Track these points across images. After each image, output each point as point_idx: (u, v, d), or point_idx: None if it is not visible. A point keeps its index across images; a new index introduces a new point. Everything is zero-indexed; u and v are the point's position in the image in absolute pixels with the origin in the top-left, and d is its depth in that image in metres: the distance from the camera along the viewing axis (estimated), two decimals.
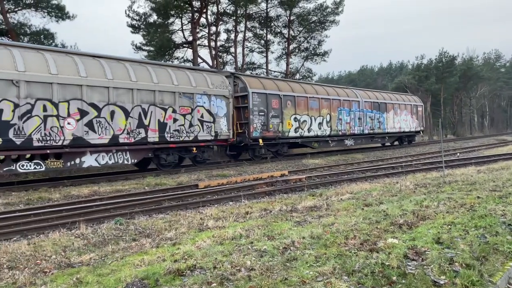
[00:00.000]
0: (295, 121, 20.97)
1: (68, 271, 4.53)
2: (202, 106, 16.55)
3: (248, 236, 5.61)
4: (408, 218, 6.08)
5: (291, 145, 22.20)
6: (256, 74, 27.87)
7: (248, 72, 30.28)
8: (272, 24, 32.87)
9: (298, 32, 34.04)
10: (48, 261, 4.99)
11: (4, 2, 21.01)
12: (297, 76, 34.98)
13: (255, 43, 34.02)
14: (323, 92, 23.36)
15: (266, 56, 33.14)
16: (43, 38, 22.44)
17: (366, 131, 26.27)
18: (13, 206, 9.61)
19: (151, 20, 27.90)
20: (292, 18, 32.56)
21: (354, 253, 4.60)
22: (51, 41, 22.59)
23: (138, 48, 29.08)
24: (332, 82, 61.91)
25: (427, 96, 52.19)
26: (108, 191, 11.58)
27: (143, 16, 27.86)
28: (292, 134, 20.78)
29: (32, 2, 21.80)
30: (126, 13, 27.61)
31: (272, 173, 14.51)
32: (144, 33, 28.12)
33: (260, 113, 19.09)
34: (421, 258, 4.32)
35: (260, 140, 18.95)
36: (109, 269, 4.46)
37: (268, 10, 31.52)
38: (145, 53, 29.13)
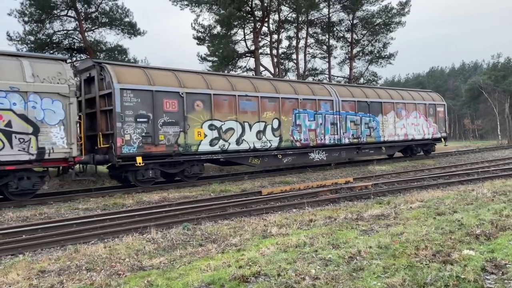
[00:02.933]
0: (212, 130, 14.82)
1: (140, 273, 4.75)
2: (10, 110, 10.90)
3: (312, 244, 5.53)
4: (485, 228, 5.66)
5: (211, 162, 16.37)
6: (143, 65, 16.92)
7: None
8: (335, 29, 32.44)
9: (362, 36, 33.26)
10: (122, 263, 5.28)
11: (83, 22, 22.83)
12: (361, 80, 34.11)
13: (317, 49, 33.77)
14: (268, 89, 16.99)
15: (329, 62, 32.75)
16: (117, 53, 24.01)
17: (345, 140, 19.64)
18: (91, 211, 10.33)
19: (215, 31, 28.77)
20: (355, 21, 31.91)
21: (426, 264, 4.36)
22: (124, 56, 24.11)
23: (203, 59, 30.09)
24: (398, 86, 59.43)
25: (505, 96, 48.40)
26: (177, 197, 12.04)
27: (208, 28, 28.81)
28: (205, 148, 14.62)
29: (107, 21, 23.45)
30: (192, 26, 28.74)
31: (336, 180, 14.24)
32: (209, 44, 29.05)
33: (139, 119, 13.09)
34: (501, 272, 4.00)
35: (139, 159, 12.95)
36: (178, 273, 4.62)
37: (330, 15, 31.18)
38: (210, 64, 30.05)
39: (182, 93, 14.12)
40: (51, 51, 22.91)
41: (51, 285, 4.48)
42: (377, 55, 33.85)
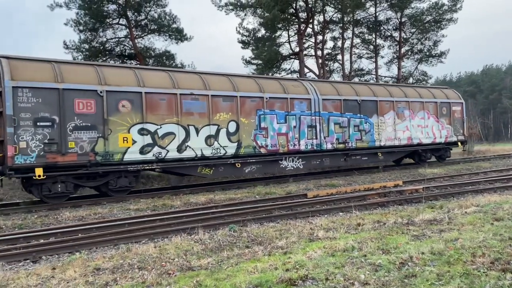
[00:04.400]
0: (143, 135, 12.38)
1: (189, 273, 4.85)
2: None
3: (361, 249, 5.41)
4: None
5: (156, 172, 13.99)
6: (53, 58, 12.31)
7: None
8: (382, 28, 31.63)
9: (411, 34, 32.17)
10: (171, 263, 5.41)
11: (133, 29, 23.76)
12: (410, 80, 32.99)
13: (363, 49, 33.05)
14: (223, 86, 14.28)
15: (376, 62, 31.97)
16: (165, 59, 24.77)
17: (328, 146, 16.58)
18: (141, 212, 10.68)
19: (259, 34, 28.98)
20: (403, 20, 30.94)
21: (484, 272, 4.14)
22: (172, 61, 24.82)
23: (248, 63, 30.34)
24: (450, 85, 56.93)
25: None
26: (222, 199, 12.19)
27: (252, 32, 29.05)
28: (133, 156, 12.20)
29: (156, 27, 24.27)
30: (237, 30, 29.11)
31: (384, 183, 13.84)
32: (253, 47, 29.27)
33: (39, 123, 10.82)
34: None
35: (38, 171, 10.67)
36: (225, 274, 4.67)
37: (377, 14, 30.45)
38: (254, 67, 30.26)
39: (101, 92, 11.65)
40: (104, 58, 24.03)
41: (106, 283, 4.68)
42: (427, 53, 32.61)
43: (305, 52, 29.37)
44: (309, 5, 27.38)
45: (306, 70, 28.75)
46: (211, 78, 14.40)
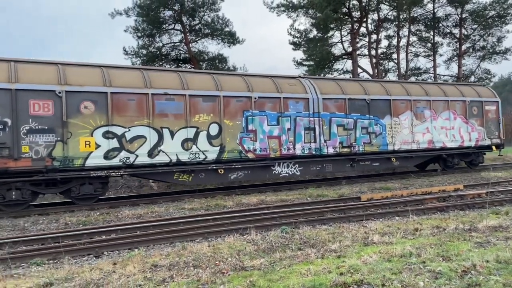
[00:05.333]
0: (108, 138, 11.46)
1: (242, 273, 4.90)
2: None
3: (419, 255, 5.20)
4: None
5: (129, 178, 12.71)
6: (8, 57, 11.44)
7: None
8: (440, 24, 30.26)
9: (472, 30, 30.51)
10: (225, 262, 5.50)
11: (188, 34, 24.48)
12: (472, 78, 31.24)
13: (420, 47, 31.80)
14: (204, 85, 13.14)
15: (434, 60, 30.62)
16: (217, 62, 25.29)
17: (329, 150, 14.98)
18: (196, 211, 10.95)
19: (311, 35, 28.76)
20: (464, 15, 29.41)
21: None
22: (224, 64, 25.28)
23: (299, 64, 30.22)
24: None
25: None
26: (274, 200, 12.21)
27: (304, 33, 28.90)
28: (96, 162, 11.28)
29: (209, 31, 24.86)
30: (288, 31, 29.09)
31: (443, 187, 13.20)
32: (305, 48, 29.11)
33: None
34: None
35: None
36: (278, 275, 4.67)
37: (435, 10, 29.17)
38: (306, 68, 30.07)
39: (59, 92, 10.82)
40: (161, 63, 24.96)
41: (163, 279, 4.84)
42: (490, 50, 30.76)
43: (358, 52, 28.77)
44: (363, 4, 26.78)
45: (359, 70, 28.14)
46: (191, 76, 13.37)
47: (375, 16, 28.60)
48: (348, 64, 29.94)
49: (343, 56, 29.35)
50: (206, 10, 24.41)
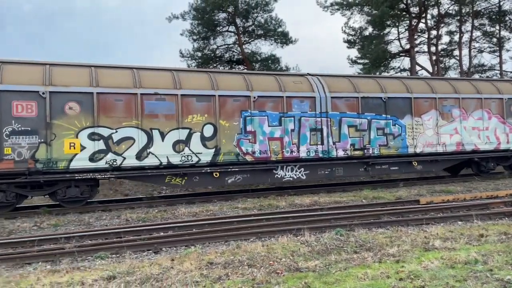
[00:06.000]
0: (94, 140, 11.03)
1: (297, 274, 4.87)
2: None
3: (485, 262, 4.89)
4: None
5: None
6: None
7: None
8: (507, 18, 28.30)
9: None
10: (279, 263, 5.49)
11: (241, 36, 24.79)
12: None
13: (484, 42, 29.89)
14: (198, 84, 12.50)
15: (500, 56, 28.70)
16: (270, 63, 25.37)
17: (339, 153, 13.87)
18: (249, 211, 11.04)
19: (366, 33, 28.05)
20: None
21: None
22: (277, 65, 25.32)
23: (354, 62, 29.58)
24: None
25: None
26: (327, 201, 12.03)
27: (359, 30, 28.27)
28: (81, 164, 10.89)
29: (262, 32, 25.01)
30: (342, 29, 28.59)
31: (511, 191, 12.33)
32: (359, 46, 28.45)
33: None
34: None
35: None
36: (334, 278, 4.59)
37: (501, 3, 27.34)
38: (360, 67, 29.39)
39: (43, 93, 10.55)
40: (215, 65, 25.47)
41: (219, 276, 4.93)
42: None
43: (416, 49, 27.65)
44: None
45: (417, 68, 27.04)
46: (185, 75, 12.69)
47: (435, 11, 27.35)
48: (405, 62, 28.87)
49: (400, 54, 28.33)
50: (260, 11, 24.58)
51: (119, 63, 12.49)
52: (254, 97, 12.85)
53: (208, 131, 12.30)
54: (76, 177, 10.88)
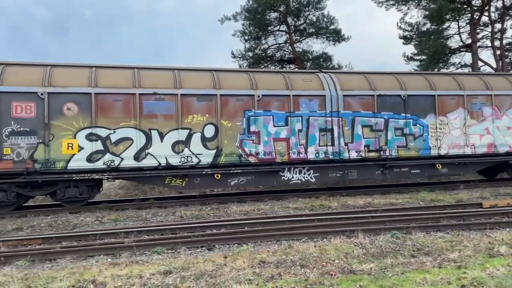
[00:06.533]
0: (92, 141, 10.98)
1: (351, 277, 4.77)
2: None
3: None
4: None
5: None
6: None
7: None
8: None
9: None
10: (332, 264, 5.40)
11: (292, 35, 24.69)
12: None
13: None
14: (199, 83, 12.13)
15: None
16: (322, 61, 25.05)
17: (352, 154, 13.03)
18: (300, 211, 10.96)
19: (423, 28, 26.89)
20: None
21: None
22: (329, 63, 24.95)
23: (410, 59, 28.46)
24: None
25: None
26: (382, 203, 11.67)
27: (415, 26, 27.13)
28: (79, 164, 10.87)
29: (314, 30, 24.75)
30: (397, 25, 27.57)
31: None
32: (416, 42, 27.33)
33: None
34: None
35: None
36: (391, 282, 4.44)
37: None
38: (417, 63, 28.23)
39: (42, 94, 10.65)
40: (266, 64, 25.56)
41: (271, 276, 4.93)
42: None
43: (478, 44, 26.07)
44: None
45: (480, 63, 25.52)
46: (187, 74, 12.29)
47: (499, 3, 25.63)
48: (466, 57, 27.36)
49: (461, 49, 26.86)
50: (311, 9, 24.35)
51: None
52: (259, 96, 12.39)
53: (209, 131, 11.96)
54: (74, 178, 10.89)
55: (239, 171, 12.18)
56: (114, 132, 11.17)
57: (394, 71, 14.87)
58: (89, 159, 10.98)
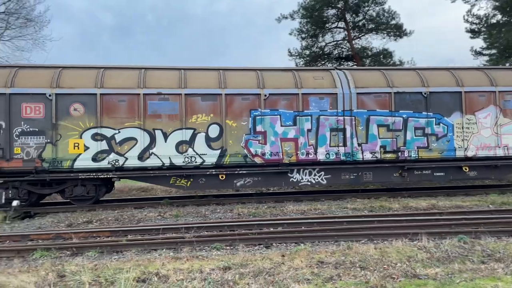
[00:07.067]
0: (97, 141, 11.16)
1: (415, 281, 4.57)
2: None
3: None
4: None
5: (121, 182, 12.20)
6: (11, 63, 12.94)
7: None
8: None
9: None
10: (394, 267, 5.22)
11: (351, 31, 24.16)
12: None
13: None
14: (204, 83, 11.94)
15: None
16: (382, 58, 24.27)
17: (365, 155, 12.33)
18: (359, 212, 10.70)
19: (493, 20, 25.16)
20: None
21: None
22: (389, 59, 24.13)
23: (478, 54, 26.77)
24: None
25: None
26: (447, 206, 11.08)
27: (484, 18, 25.47)
28: (84, 164, 11.09)
29: (373, 26, 24.03)
30: (464, 18, 26.03)
31: None
32: (485, 36, 25.64)
33: None
34: None
35: None
36: None
37: None
38: (486, 58, 26.47)
39: (49, 95, 11.02)
40: (323, 62, 25.23)
41: (330, 276, 4.86)
42: None
43: None
44: None
45: None
46: (193, 74, 12.18)
47: None
48: None
49: None
50: (371, 4, 23.65)
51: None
52: (265, 95, 12.03)
53: (214, 131, 11.80)
54: (80, 177, 11.17)
55: (244, 172, 11.96)
56: (119, 132, 11.33)
57: (416, 66, 13.61)
58: (95, 159, 11.20)
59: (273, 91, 12.12)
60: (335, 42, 25.47)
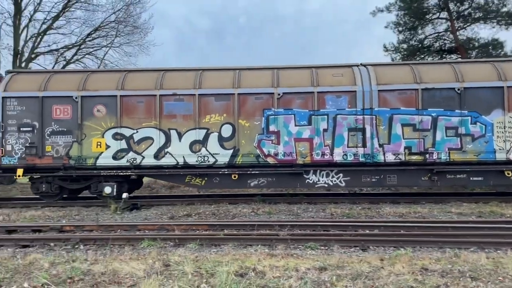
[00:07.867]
0: (117, 140, 11.70)
1: None
2: None
3: None
4: None
5: (139, 179, 12.77)
6: (47, 69, 13.90)
7: None
8: None
9: None
10: (511, 280, 4.68)
11: (454, 22, 22.34)
12: None
13: None
14: (217, 83, 11.89)
15: None
16: (491, 49, 22.08)
17: (388, 157, 11.26)
18: (465, 217, 9.84)
19: None
20: None
21: None
22: (500, 50, 21.87)
23: None
24: None
25: None
26: None
27: None
28: (106, 161, 11.69)
29: (481, 15, 21.94)
30: None
31: None
32: None
33: (22, 129, 11.84)
34: None
35: (19, 171, 11.76)
36: None
37: None
38: None
39: (76, 97, 11.81)
40: (422, 56, 23.71)
41: (437, 285, 4.51)
42: None
43: None
44: None
45: None
46: (208, 74, 12.28)
47: None
48: None
49: None
50: None
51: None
52: (279, 94, 11.68)
53: (226, 131, 11.79)
54: (102, 174, 11.91)
55: (257, 172, 11.82)
56: (137, 131, 11.86)
57: (451, 60, 12.23)
58: (115, 157, 11.85)
59: (287, 90, 11.81)
60: (436, 34, 23.72)
